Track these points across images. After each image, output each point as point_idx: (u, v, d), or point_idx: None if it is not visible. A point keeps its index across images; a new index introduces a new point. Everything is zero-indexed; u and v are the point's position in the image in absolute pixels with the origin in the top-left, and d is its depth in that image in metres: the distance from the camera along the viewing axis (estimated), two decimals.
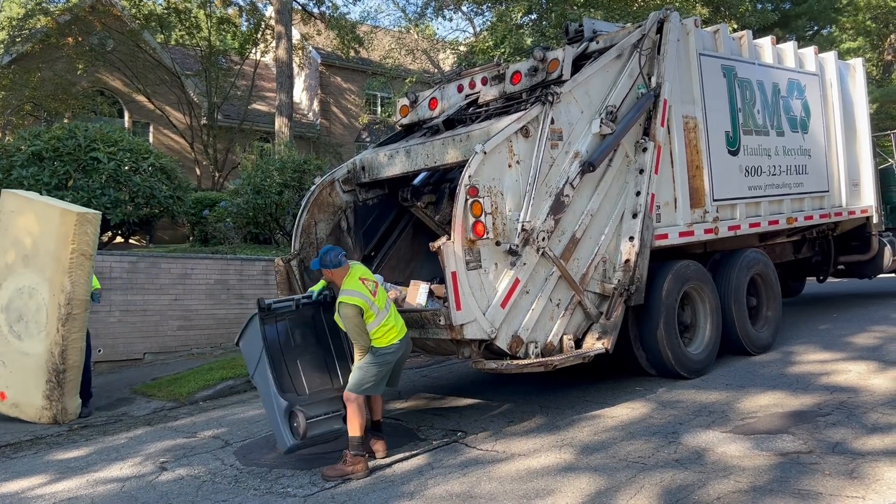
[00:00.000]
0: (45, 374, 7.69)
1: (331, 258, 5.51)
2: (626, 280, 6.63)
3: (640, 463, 4.93)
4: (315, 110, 26.65)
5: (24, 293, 7.89)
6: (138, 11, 20.85)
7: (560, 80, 6.70)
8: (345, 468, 5.19)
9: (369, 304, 5.29)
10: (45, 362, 7.69)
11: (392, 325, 5.42)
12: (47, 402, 7.72)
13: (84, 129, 11.58)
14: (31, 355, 7.79)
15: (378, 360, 5.36)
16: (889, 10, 28.80)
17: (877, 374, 6.85)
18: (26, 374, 7.78)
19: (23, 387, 7.81)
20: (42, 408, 7.75)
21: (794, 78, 9.51)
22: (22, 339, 7.86)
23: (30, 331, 7.82)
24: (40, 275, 7.79)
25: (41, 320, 7.75)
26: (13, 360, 7.90)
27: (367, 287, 5.39)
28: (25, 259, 7.92)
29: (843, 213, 10.25)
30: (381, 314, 5.37)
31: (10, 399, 7.91)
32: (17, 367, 7.86)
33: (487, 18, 21.62)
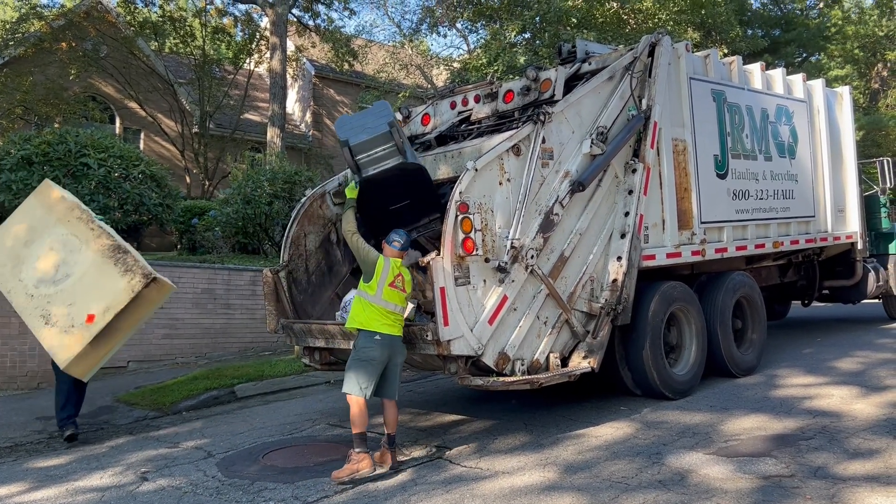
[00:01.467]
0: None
1: (392, 239, 5.83)
2: (614, 300, 6.67)
3: (623, 483, 4.94)
4: (307, 122, 26.69)
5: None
6: (133, 19, 20.85)
7: (552, 99, 6.77)
8: (351, 466, 5.32)
9: (381, 279, 5.60)
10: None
11: (385, 318, 5.60)
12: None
13: (75, 134, 11.54)
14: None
15: (359, 353, 5.54)
16: (876, 39, 29.27)
17: (859, 399, 6.90)
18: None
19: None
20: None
21: (782, 104, 9.64)
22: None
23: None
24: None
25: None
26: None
27: (392, 276, 5.66)
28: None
29: (828, 238, 10.36)
30: (374, 299, 5.59)
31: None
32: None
33: (481, 36, 21.78)
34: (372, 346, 5.54)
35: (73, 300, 6.69)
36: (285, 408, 8.42)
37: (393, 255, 5.78)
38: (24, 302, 6.80)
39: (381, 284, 5.62)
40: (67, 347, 6.52)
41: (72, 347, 6.51)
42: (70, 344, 6.52)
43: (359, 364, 5.54)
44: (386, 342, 5.57)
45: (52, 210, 7.14)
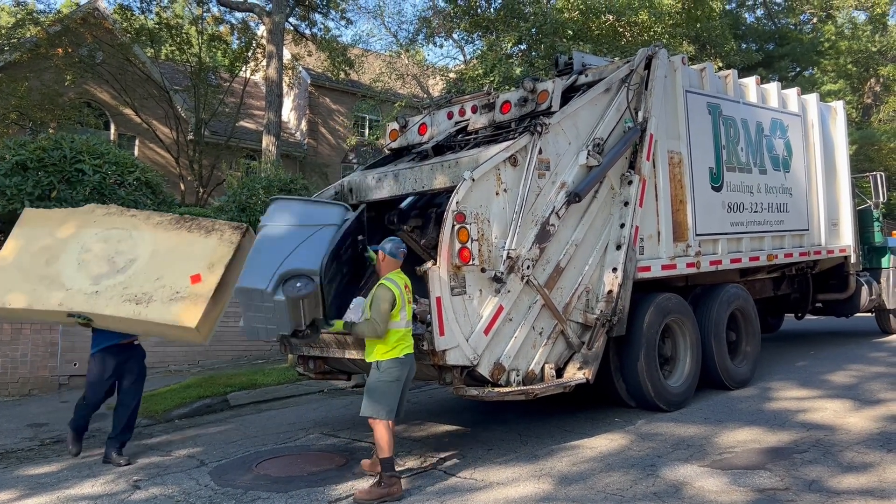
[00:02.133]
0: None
1: (393, 247, 5.56)
2: (609, 311, 6.68)
3: (618, 495, 4.93)
4: (303, 130, 26.70)
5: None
6: (129, 25, 20.85)
7: (549, 111, 6.80)
8: (381, 490, 5.13)
9: (402, 302, 5.33)
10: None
11: (407, 339, 5.43)
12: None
13: (70, 140, 11.50)
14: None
15: (384, 375, 5.32)
16: (869, 54, 29.49)
17: (853, 412, 6.92)
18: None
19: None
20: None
21: (777, 118, 9.70)
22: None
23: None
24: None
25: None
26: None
27: (407, 294, 5.46)
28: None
29: (822, 251, 10.40)
30: (403, 324, 5.38)
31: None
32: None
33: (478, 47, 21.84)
34: (398, 367, 5.35)
35: (158, 275, 6.43)
36: (278, 417, 8.38)
37: (396, 266, 5.55)
38: (92, 301, 6.34)
39: (403, 308, 5.37)
40: (188, 310, 6.25)
41: (193, 308, 6.26)
42: (188, 307, 6.26)
43: (385, 386, 5.32)
44: (409, 360, 5.43)
45: (62, 224, 6.90)
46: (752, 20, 31.30)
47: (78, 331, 10.22)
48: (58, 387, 10.13)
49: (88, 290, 6.41)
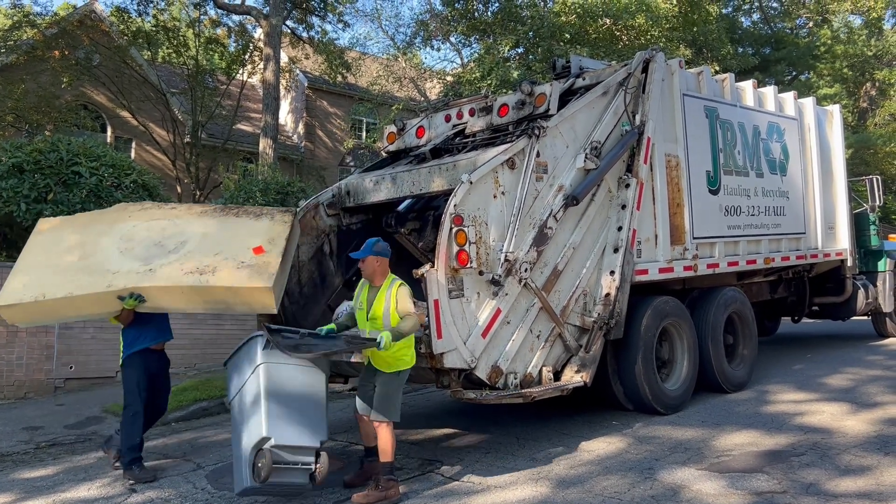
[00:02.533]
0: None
1: (384, 246, 5.43)
2: (606, 314, 6.68)
3: (615, 498, 4.93)
4: (300, 133, 26.70)
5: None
6: (126, 28, 20.82)
7: (547, 114, 6.80)
8: (379, 493, 5.09)
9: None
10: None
11: (413, 343, 5.41)
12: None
13: (67, 142, 11.48)
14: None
15: (403, 379, 5.35)
16: (865, 58, 29.59)
17: (850, 415, 6.92)
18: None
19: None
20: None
21: (773, 121, 9.72)
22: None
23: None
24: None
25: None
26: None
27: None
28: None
29: (818, 255, 10.42)
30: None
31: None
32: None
33: (475, 50, 21.90)
34: (407, 372, 5.41)
35: (216, 251, 6.07)
36: None
37: (371, 268, 5.38)
38: (146, 278, 5.89)
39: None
40: (260, 268, 5.91)
41: (264, 270, 5.95)
42: (259, 270, 5.90)
43: (399, 389, 5.35)
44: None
45: (90, 223, 6.47)
46: (748, 24, 31.39)
47: (74, 334, 10.21)
48: (53, 390, 10.09)
49: (140, 270, 5.94)
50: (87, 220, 6.60)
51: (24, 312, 5.87)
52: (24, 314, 5.91)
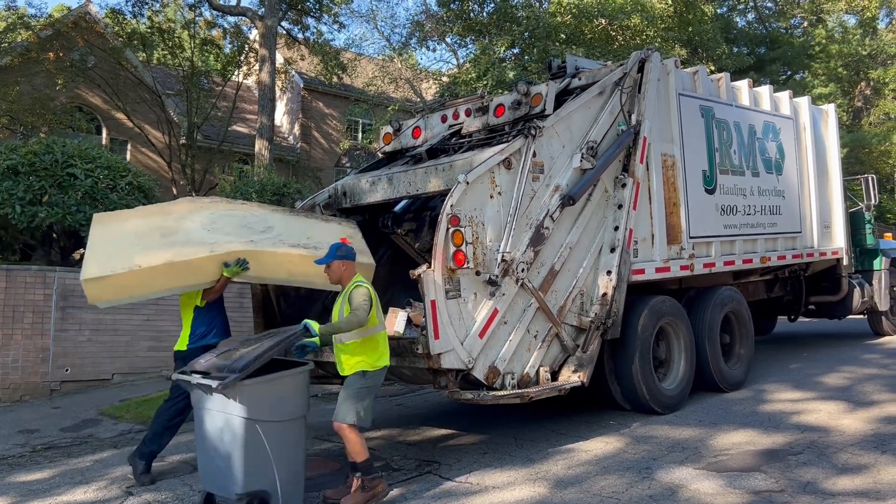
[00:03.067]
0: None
1: (348, 250, 5.37)
2: (603, 314, 6.67)
3: (613, 498, 4.93)
4: (296, 134, 26.67)
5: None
6: (121, 29, 20.79)
7: (543, 114, 6.80)
8: (367, 494, 5.00)
9: (377, 303, 5.19)
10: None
11: (385, 347, 5.30)
12: None
13: (62, 144, 11.44)
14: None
15: (368, 382, 5.16)
16: (860, 58, 29.67)
17: (847, 414, 6.93)
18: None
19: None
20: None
21: (769, 120, 9.73)
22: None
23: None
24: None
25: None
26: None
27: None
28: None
29: (814, 254, 10.44)
30: (381, 326, 5.29)
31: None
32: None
33: (471, 51, 21.90)
34: (379, 374, 5.25)
35: (307, 235, 6.32)
36: None
37: (338, 273, 5.31)
38: (250, 247, 5.94)
39: (379, 309, 5.26)
40: (360, 250, 6.30)
41: (364, 249, 6.45)
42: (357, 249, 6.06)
43: (367, 392, 5.16)
44: (385, 370, 5.32)
45: (161, 211, 6.41)
46: (743, 24, 31.47)
47: (70, 336, 10.18)
48: (49, 392, 10.06)
49: (242, 241, 5.98)
50: (152, 210, 6.57)
51: (111, 287, 5.66)
52: (110, 289, 5.69)
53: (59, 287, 10.23)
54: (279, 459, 4.82)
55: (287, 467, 4.89)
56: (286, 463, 4.88)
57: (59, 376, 10.17)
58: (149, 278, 5.67)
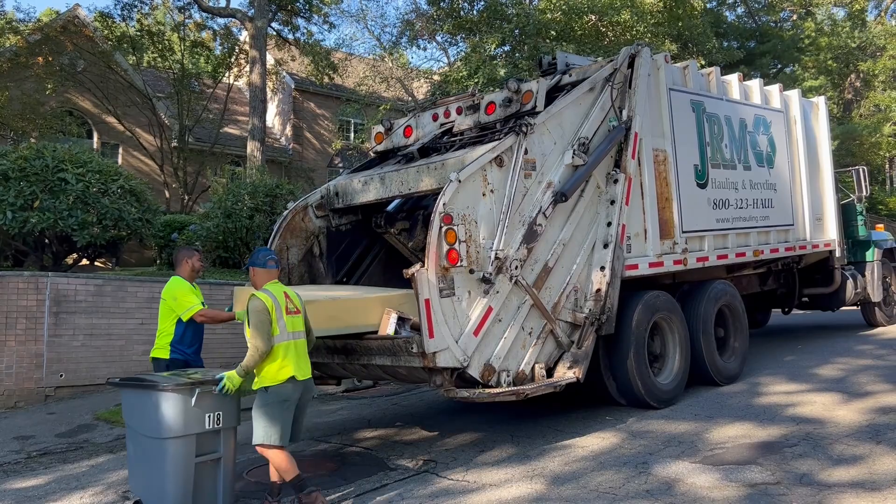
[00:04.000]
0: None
1: (257, 257, 5.31)
2: (598, 309, 6.68)
3: (610, 493, 4.93)
4: (288, 135, 26.62)
5: None
6: (110, 33, 20.72)
7: (534, 111, 6.79)
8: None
9: (278, 313, 4.98)
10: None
11: (292, 360, 5.00)
12: None
13: (52, 149, 11.40)
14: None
15: (270, 398, 4.93)
16: (849, 50, 29.78)
17: (841, 405, 6.96)
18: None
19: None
20: None
21: (760, 114, 9.75)
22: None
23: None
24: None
25: None
26: None
27: (284, 302, 5.10)
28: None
29: (807, 246, 10.47)
30: (284, 336, 5.01)
31: None
32: None
33: (461, 49, 21.90)
34: (283, 388, 4.95)
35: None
36: None
37: (271, 279, 5.24)
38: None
39: (281, 318, 5.00)
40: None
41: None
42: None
43: (274, 409, 4.92)
44: (301, 384, 5.05)
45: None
46: (732, 18, 31.55)
47: (64, 341, 10.14)
48: (44, 398, 10.01)
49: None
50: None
51: (315, 314, 5.71)
52: (313, 317, 5.69)
53: (52, 292, 10.17)
54: (157, 473, 4.90)
55: (162, 482, 4.88)
56: (164, 478, 4.88)
57: (53, 382, 10.11)
58: (343, 312, 6.10)
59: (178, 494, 4.82)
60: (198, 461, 4.91)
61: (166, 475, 4.83)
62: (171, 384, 4.91)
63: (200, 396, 4.88)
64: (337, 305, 6.13)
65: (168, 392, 4.85)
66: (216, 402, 4.99)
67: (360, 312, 6.18)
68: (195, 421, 4.88)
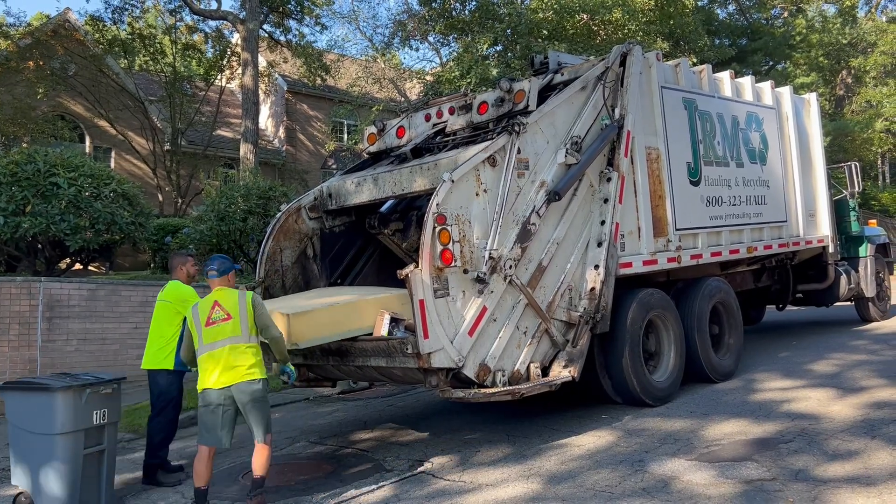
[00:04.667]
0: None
1: (213, 266, 5.48)
2: (592, 308, 6.68)
3: (607, 492, 4.93)
4: (281, 137, 26.59)
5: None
6: (102, 36, 20.66)
7: (526, 110, 6.79)
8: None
9: (197, 328, 5.26)
10: None
11: (208, 371, 5.16)
12: None
13: (44, 153, 11.35)
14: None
15: (200, 401, 5.28)
16: (840, 46, 29.89)
17: (836, 400, 6.97)
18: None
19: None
20: None
21: (752, 111, 9.77)
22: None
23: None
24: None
25: None
26: None
27: (208, 314, 5.26)
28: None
29: (800, 242, 10.49)
30: (201, 349, 5.22)
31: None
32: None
33: (454, 49, 21.91)
34: (202, 397, 5.22)
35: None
36: None
37: (218, 286, 5.42)
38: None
39: (199, 332, 5.24)
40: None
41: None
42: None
43: (200, 412, 5.29)
44: (218, 394, 5.14)
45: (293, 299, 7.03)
46: (724, 16, 31.65)
47: (58, 346, 10.10)
48: None
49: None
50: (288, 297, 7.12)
51: (314, 324, 6.05)
52: (313, 326, 6.05)
53: (45, 297, 10.13)
54: (46, 466, 5.36)
55: (52, 473, 5.34)
56: (54, 469, 5.34)
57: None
58: (341, 317, 6.19)
59: (67, 483, 5.31)
60: (85, 453, 5.40)
61: (57, 467, 5.31)
62: (61, 385, 5.35)
63: (90, 396, 5.42)
64: (331, 312, 6.19)
65: (60, 393, 5.31)
66: (103, 400, 5.54)
67: (355, 316, 6.23)
68: (84, 417, 5.40)
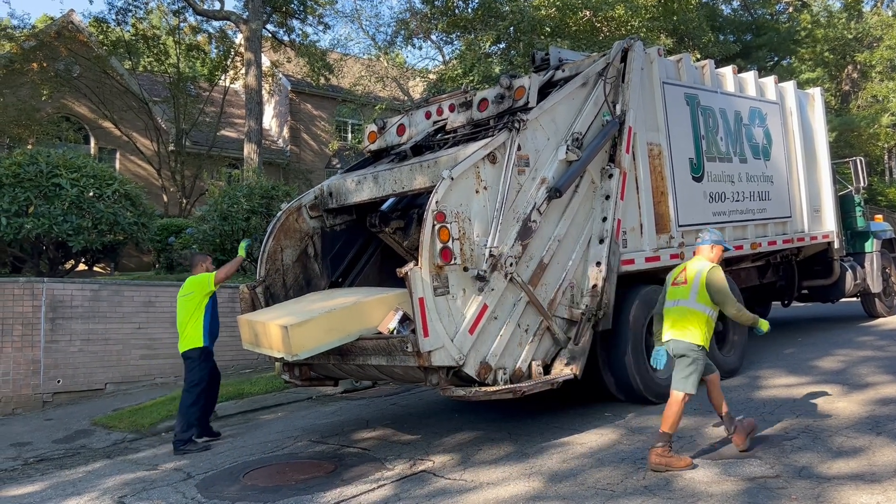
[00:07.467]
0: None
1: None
2: (594, 305, 6.63)
3: (608, 490, 4.89)
4: (285, 137, 26.59)
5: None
6: (106, 38, 20.69)
7: (526, 107, 6.75)
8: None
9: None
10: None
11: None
12: None
13: (46, 154, 11.38)
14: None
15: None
16: (846, 41, 29.70)
17: (841, 397, 6.91)
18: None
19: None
20: None
21: (755, 106, 9.71)
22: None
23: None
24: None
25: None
26: None
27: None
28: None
29: (805, 238, 10.42)
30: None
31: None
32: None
33: (456, 47, 21.85)
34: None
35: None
36: (266, 426, 8.30)
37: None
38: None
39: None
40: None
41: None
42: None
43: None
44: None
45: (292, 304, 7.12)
46: (728, 12, 31.44)
47: (61, 347, 10.12)
48: (42, 405, 10.00)
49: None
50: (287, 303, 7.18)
51: (313, 332, 6.05)
52: (313, 334, 6.06)
53: (48, 298, 10.15)
54: None
55: None
56: None
57: (51, 388, 10.11)
58: (340, 322, 6.18)
59: None
60: None
61: None
62: None
63: None
64: (329, 318, 6.15)
65: None
66: None
67: (355, 319, 6.20)
68: None
